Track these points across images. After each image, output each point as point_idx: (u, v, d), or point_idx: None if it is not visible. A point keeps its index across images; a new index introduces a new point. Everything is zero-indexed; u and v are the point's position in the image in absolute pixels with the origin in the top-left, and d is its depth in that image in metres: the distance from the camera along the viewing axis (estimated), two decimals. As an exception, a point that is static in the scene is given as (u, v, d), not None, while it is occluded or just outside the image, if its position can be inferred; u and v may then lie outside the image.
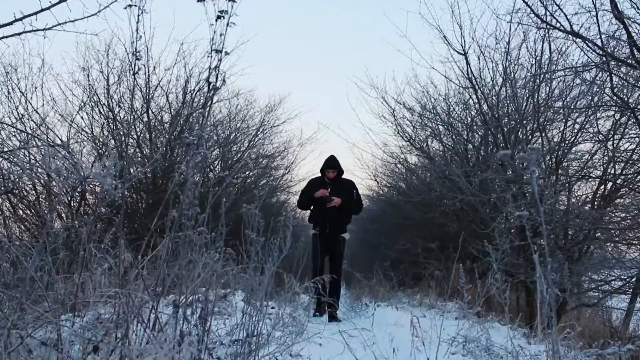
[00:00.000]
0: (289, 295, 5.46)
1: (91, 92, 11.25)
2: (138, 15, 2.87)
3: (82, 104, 11.17)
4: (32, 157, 9.27)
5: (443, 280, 11.44)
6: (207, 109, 3.11)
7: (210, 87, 2.81)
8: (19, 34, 4.25)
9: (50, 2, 4.05)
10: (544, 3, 7.39)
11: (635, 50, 6.48)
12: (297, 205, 8.78)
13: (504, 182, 9.25)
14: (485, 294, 4.92)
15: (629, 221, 8.68)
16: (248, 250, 3.22)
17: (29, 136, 9.38)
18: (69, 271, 4.05)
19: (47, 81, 10.79)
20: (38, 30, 4.18)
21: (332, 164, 8.35)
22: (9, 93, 10.22)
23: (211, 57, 2.80)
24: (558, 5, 7.21)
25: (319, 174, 8.54)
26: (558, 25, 7.30)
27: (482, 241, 6.29)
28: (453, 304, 8.80)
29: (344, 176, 8.56)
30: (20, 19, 4.09)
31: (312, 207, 8.47)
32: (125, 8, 2.86)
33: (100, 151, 10.95)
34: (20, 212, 10.05)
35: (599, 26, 6.87)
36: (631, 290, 8.88)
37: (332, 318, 7.73)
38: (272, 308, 5.84)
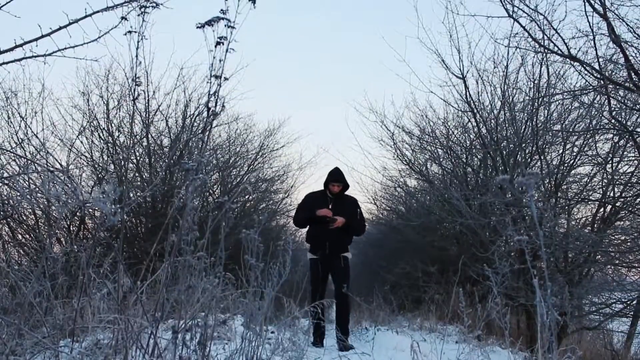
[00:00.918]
0: (288, 320, 5.44)
1: (91, 117, 11.27)
2: (138, 42, 2.89)
3: (82, 128, 11.18)
4: (32, 182, 9.27)
5: (443, 304, 11.39)
6: (207, 134, 3.12)
7: (210, 112, 2.82)
8: (19, 60, 4.27)
9: (50, 28, 4.08)
10: (542, 27, 7.45)
11: (632, 74, 6.52)
12: (294, 221, 7.97)
13: (503, 206, 9.24)
14: (486, 318, 4.90)
15: (629, 244, 8.67)
16: (247, 274, 3.21)
17: (29, 161, 9.38)
18: (68, 296, 4.04)
19: (47, 106, 10.84)
20: (38, 56, 4.20)
21: (337, 176, 7.56)
22: (9, 118, 10.24)
23: (210, 82, 2.82)
24: (555, 30, 7.27)
25: (317, 188, 7.98)
26: (556, 49, 7.35)
27: (482, 264, 6.27)
28: (453, 328, 8.76)
29: (346, 192, 7.80)
30: (21, 45, 4.11)
31: (310, 225, 7.71)
32: (125, 34, 2.88)
33: (99, 176, 10.95)
34: (20, 236, 10.03)
35: (596, 50, 6.93)
36: (632, 313, 8.85)
37: (344, 349, 6.77)
38: (272, 333, 5.83)
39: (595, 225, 9.08)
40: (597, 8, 6.54)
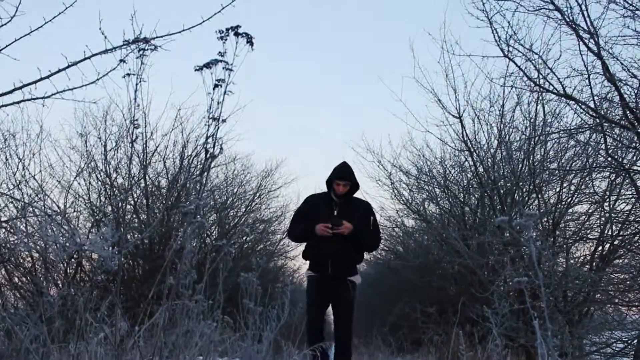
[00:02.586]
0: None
1: (89, 158, 11.29)
2: (136, 84, 2.91)
3: (80, 170, 11.20)
4: (29, 225, 9.25)
5: (443, 345, 11.28)
6: (205, 177, 3.12)
7: (208, 155, 2.83)
8: (18, 103, 4.29)
9: (49, 70, 4.10)
10: (537, 66, 7.52)
11: (628, 112, 6.57)
12: (288, 234, 6.56)
13: (501, 245, 9.22)
14: (486, 359, 4.86)
15: (628, 282, 8.63)
16: (246, 318, 3.19)
17: (26, 205, 9.37)
18: (65, 340, 4.00)
19: (45, 147, 10.85)
20: (37, 98, 4.22)
21: (343, 172, 5.93)
22: (6, 160, 10.26)
23: (208, 124, 2.84)
24: (550, 69, 7.35)
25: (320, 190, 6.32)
26: (551, 88, 7.41)
27: (481, 305, 6.23)
28: (454, 370, 8.67)
29: (357, 195, 6.23)
30: (20, 88, 4.13)
31: (307, 244, 6.11)
32: (124, 77, 2.90)
33: (97, 217, 10.93)
34: (16, 279, 9.97)
35: (591, 88, 6.99)
36: (633, 352, 8.77)
37: None
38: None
39: (594, 264, 9.05)
40: (592, 47, 6.62)
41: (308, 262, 6.11)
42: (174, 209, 10.98)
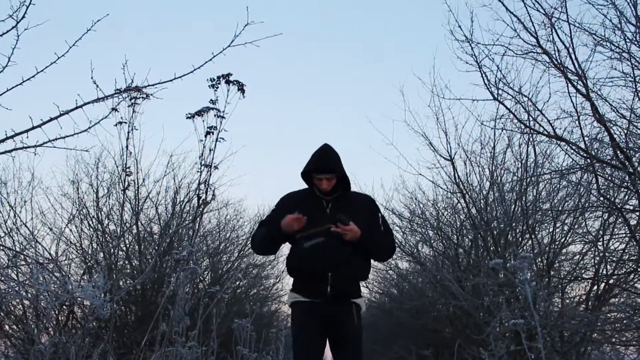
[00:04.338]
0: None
1: (80, 205, 11.26)
2: (128, 132, 2.91)
3: (71, 217, 11.15)
4: (20, 272, 9.17)
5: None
6: (198, 223, 3.11)
7: (200, 202, 2.83)
8: (9, 152, 4.28)
9: (41, 119, 4.10)
10: (527, 109, 7.59)
11: (618, 152, 6.61)
12: (251, 245, 4.50)
13: (496, 286, 9.19)
14: (484, 403, 4.80)
15: (625, 322, 8.59)
16: (240, 364, 3.15)
17: (17, 253, 9.31)
18: (56, 390, 3.94)
19: (37, 194, 10.85)
20: (29, 147, 4.21)
21: (323, 162, 4.22)
22: (-2, 207, 10.23)
23: (201, 171, 2.84)
24: (540, 111, 7.42)
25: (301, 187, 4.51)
26: (541, 129, 7.47)
27: (477, 347, 6.19)
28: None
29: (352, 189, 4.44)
30: (12, 137, 4.13)
31: (291, 250, 4.35)
32: (116, 125, 2.91)
33: (89, 264, 10.86)
34: (7, 327, 9.85)
35: (581, 129, 7.05)
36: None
37: None
38: None
39: (590, 303, 9.01)
40: (580, 89, 6.69)
41: (292, 281, 4.38)
42: (166, 255, 10.93)
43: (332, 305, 4.11)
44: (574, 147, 7.34)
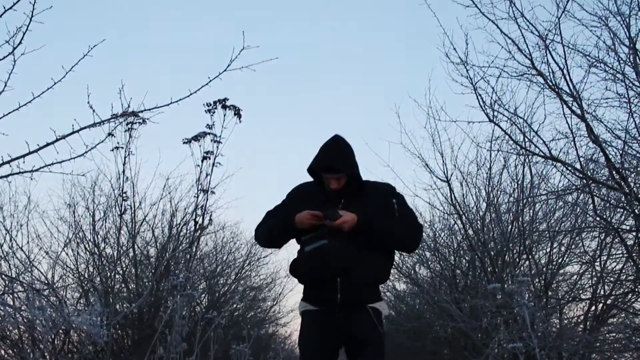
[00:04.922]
0: None
1: (77, 229, 11.26)
2: (125, 157, 2.92)
3: (68, 240, 11.15)
4: (17, 297, 9.14)
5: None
6: (195, 248, 3.11)
7: (197, 226, 2.83)
8: (6, 177, 4.28)
9: (37, 144, 4.11)
10: (522, 130, 7.62)
11: (614, 172, 6.63)
12: (255, 237, 3.98)
13: (494, 308, 9.16)
14: None
15: (624, 342, 8.57)
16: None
17: (13, 279, 9.28)
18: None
19: (33, 218, 10.84)
20: (25, 172, 4.21)
21: (331, 161, 3.66)
22: (-6, 232, 10.22)
23: (197, 196, 2.84)
24: (536, 132, 7.44)
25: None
26: (537, 150, 7.49)
27: (476, 369, 6.16)
28: None
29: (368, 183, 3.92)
30: (8, 162, 4.13)
31: (299, 248, 3.80)
32: (112, 150, 2.91)
33: (85, 288, 10.82)
34: (2, 351, 9.80)
35: (577, 150, 7.08)
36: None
37: None
38: None
39: (588, 324, 8.99)
40: (575, 110, 6.72)
41: (303, 284, 3.83)
42: (163, 278, 10.89)
43: (345, 314, 3.55)
44: (569, 168, 7.36)
